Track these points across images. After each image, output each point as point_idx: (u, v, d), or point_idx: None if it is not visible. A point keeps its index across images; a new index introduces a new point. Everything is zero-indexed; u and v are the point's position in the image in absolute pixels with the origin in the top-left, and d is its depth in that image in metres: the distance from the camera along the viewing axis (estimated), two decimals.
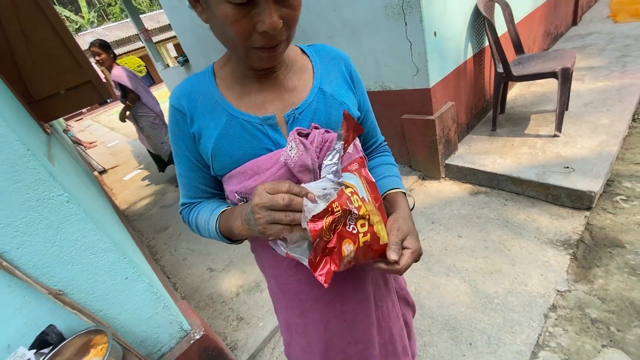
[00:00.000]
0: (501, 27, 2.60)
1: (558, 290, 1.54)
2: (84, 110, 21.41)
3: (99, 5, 27.13)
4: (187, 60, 4.90)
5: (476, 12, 2.36)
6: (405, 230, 0.61)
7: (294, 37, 0.57)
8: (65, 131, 7.07)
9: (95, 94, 2.16)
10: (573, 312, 1.44)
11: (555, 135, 2.31)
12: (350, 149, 0.66)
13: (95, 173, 4.69)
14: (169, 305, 1.18)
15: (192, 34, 4.49)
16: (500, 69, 2.37)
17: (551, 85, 3.01)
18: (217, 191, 0.71)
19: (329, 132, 0.60)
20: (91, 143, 8.40)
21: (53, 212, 0.90)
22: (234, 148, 0.60)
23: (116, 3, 26.51)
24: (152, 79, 23.21)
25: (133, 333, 1.11)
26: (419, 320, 1.57)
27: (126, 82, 3.16)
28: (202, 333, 1.24)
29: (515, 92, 3.16)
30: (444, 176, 2.50)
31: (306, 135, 0.59)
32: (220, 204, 0.68)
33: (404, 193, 0.73)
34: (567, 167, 2.01)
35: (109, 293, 1.05)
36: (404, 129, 2.44)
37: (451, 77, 2.31)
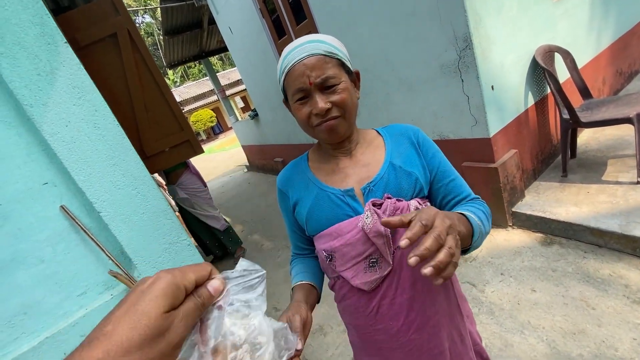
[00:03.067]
0: (564, 74, 2.60)
1: None
2: None
3: (181, 68, 32.14)
4: (256, 115, 5.56)
5: (534, 63, 2.41)
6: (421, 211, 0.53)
7: (352, 114, 0.71)
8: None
9: (190, 150, 2.62)
10: None
11: (638, 182, 2.14)
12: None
13: (176, 213, 5.34)
14: None
15: (261, 93, 5.15)
16: (566, 115, 2.34)
17: (628, 128, 2.82)
18: (311, 247, 0.88)
19: (400, 200, 0.73)
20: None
21: (179, 253, 1.15)
22: (322, 214, 0.76)
23: (195, 65, 31.09)
24: (221, 127, 26.09)
25: None
26: None
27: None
28: None
29: (588, 135, 3.00)
30: (511, 224, 2.42)
31: (380, 205, 0.72)
32: (305, 270, 0.85)
33: (464, 214, 0.67)
34: None
35: None
36: (464, 176, 2.46)
37: (512, 125, 2.34)
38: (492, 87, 2.16)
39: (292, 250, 0.92)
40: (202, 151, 2.71)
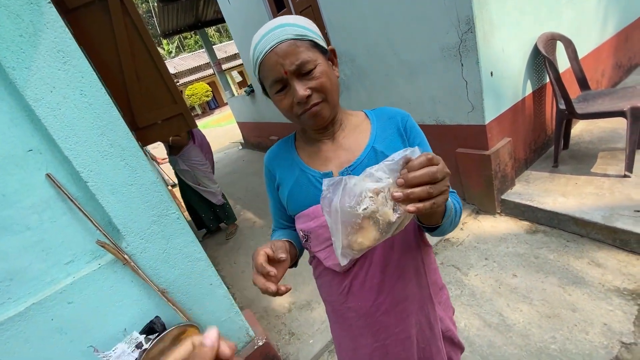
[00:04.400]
0: (564, 63, 2.57)
1: (623, 343, 1.45)
2: None
3: (176, 38, 31.01)
4: (252, 91, 5.45)
5: (536, 51, 2.38)
6: None
7: (334, 96, 0.68)
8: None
9: (184, 124, 2.58)
10: None
11: (625, 176, 2.18)
12: None
13: (169, 187, 5.31)
14: (238, 312, 1.38)
15: None
16: (563, 106, 2.34)
17: (621, 122, 2.84)
18: (293, 225, 0.89)
19: None
20: (164, 159, 9.46)
21: (167, 226, 1.15)
22: (302, 195, 0.77)
23: (192, 37, 30.02)
24: (217, 102, 25.56)
25: None
26: (468, 358, 1.58)
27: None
28: (264, 340, 1.41)
29: (581, 127, 3.02)
30: (499, 212, 2.46)
31: None
32: (284, 235, 0.86)
33: None
34: (638, 211, 1.89)
35: (197, 295, 1.28)
36: (457, 162, 2.48)
37: (508, 113, 2.33)
38: (491, 73, 2.14)
39: (273, 225, 0.93)
40: (195, 126, 2.66)
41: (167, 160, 3.49)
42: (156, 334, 1.12)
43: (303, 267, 0.96)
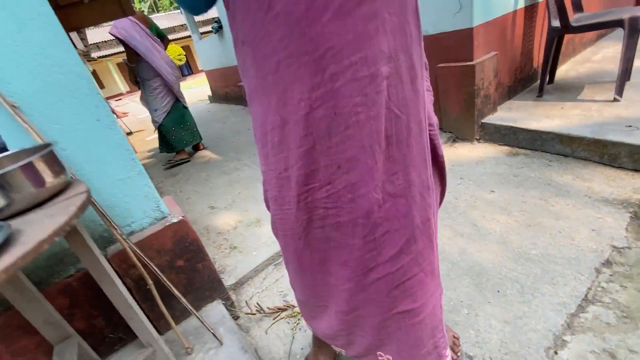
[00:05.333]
0: None
1: (614, 247, 1.25)
2: (123, 92, 22.50)
3: None
4: (220, 27, 4.90)
5: None
6: None
7: None
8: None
9: (118, 9, 2.10)
10: (634, 269, 1.15)
11: (615, 100, 1.99)
12: None
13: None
14: (144, 175, 1.02)
15: None
16: (556, 23, 2.10)
17: (610, 61, 2.68)
18: None
19: None
20: (124, 113, 8.68)
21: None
22: None
23: None
24: (190, 69, 24.10)
25: (99, 191, 0.95)
26: None
27: (125, 38, 2.43)
28: (180, 218, 1.07)
29: (567, 67, 2.84)
30: (478, 138, 2.23)
31: None
32: None
33: None
34: (630, 126, 1.70)
35: (76, 128, 0.89)
36: (437, 80, 2.21)
37: (497, 23, 2.06)
38: None
39: None
40: (132, 13, 2.19)
41: (128, 114, 3.12)
42: None
43: (256, 190, 0.61)
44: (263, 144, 0.58)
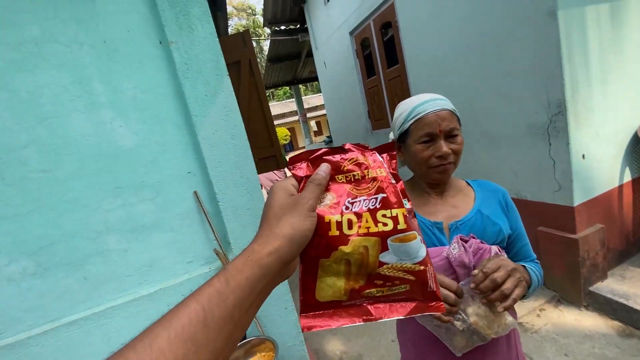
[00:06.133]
0: None
1: None
2: None
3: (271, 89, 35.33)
4: (331, 141, 5.94)
5: (636, 138, 2.27)
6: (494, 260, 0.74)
7: (459, 162, 0.86)
8: None
9: (274, 165, 2.99)
10: None
11: None
12: None
13: None
14: (303, 341, 1.50)
15: (340, 123, 5.52)
16: None
17: None
18: None
19: (483, 243, 0.84)
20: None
21: None
22: None
23: (282, 89, 34.01)
24: (292, 146, 27.77)
25: (279, 355, 1.45)
26: None
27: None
28: None
29: None
30: (585, 305, 2.22)
31: (466, 241, 0.84)
32: None
33: (525, 267, 0.85)
34: None
35: (273, 315, 1.44)
36: (538, 241, 2.37)
37: (602, 198, 2.21)
38: (583, 155, 2.10)
39: None
40: (284, 167, 3.06)
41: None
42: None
43: None
44: None
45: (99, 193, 1.23)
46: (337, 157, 0.41)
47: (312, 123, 24.84)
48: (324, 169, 0.40)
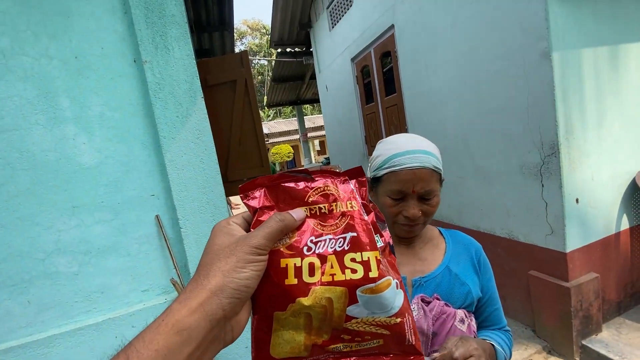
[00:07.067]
0: None
1: None
2: None
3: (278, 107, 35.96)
4: (328, 163, 5.91)
5: (634, 185, 2.19)
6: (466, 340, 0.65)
7: (430, 220, 0.78)
8: None
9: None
10: None
11: None
12: (463, 327, 0.77)
13: None
14: None
15: (338, 146, 5.50)
16: None
17: None
18: None
19: (448, 305, 0.74)
20: (237, 205, 10.44)
21: None
22: None
23: (288, 106, 34.61)
24: (295, 163, 27.93)
25: None
26: None
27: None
28: None
29: None
30: (578, 359, 2.06)
31: (428, 303, 0.74)
32: None
33: (493, 345, 0.75)
34: None
35: (232, 356, 1.33)
36: (530, 285, 2.24)
37: (597, 246, 2.10)
38: (577, 200, 2.02)
39: None
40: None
41: (239, 207, 3.91)
42: None
43: None
44: None
45: (53, 211, 1.16)
46: (302, 185, 0.34)
47: (316, 142, 25.04)
48: (300, 214, 0.33)
